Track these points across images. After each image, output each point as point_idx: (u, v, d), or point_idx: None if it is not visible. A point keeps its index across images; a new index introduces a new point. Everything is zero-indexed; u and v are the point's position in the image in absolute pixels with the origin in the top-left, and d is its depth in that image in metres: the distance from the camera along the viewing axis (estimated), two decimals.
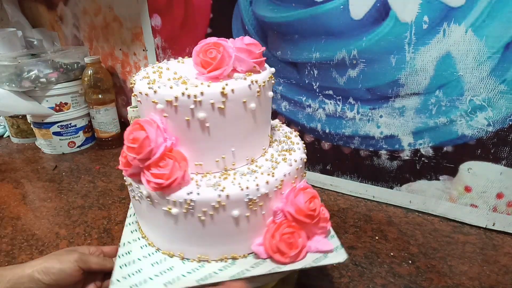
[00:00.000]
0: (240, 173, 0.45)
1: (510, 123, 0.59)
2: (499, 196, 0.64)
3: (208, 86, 0.40)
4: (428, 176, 0.69)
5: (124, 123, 1.15)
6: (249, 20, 0.78)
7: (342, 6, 0.65)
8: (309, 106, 0.78)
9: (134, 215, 0.55)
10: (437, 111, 0.64)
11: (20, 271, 0.43)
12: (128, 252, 0.47)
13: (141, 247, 0.48)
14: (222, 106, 0.41)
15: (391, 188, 0.75)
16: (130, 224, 0.53)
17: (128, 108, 0.99)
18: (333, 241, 0.47)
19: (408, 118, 0.67)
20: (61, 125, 1.07)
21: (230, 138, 0.44)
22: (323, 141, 0.80)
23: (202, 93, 0.39)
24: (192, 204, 0.41)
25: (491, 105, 0.59)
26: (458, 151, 0.65)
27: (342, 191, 0.81)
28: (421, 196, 0.71)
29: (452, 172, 0.67)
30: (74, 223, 0.74)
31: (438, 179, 0.69)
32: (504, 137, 0.60)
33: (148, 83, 0.42)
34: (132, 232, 0.51)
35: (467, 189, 0.66)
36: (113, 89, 1.10)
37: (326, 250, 0.46)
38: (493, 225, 0.66)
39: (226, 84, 0.40)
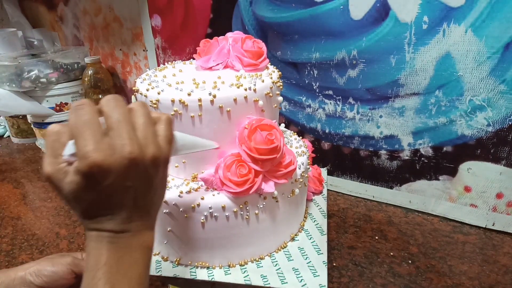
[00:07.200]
0: None
1: (510, 123, 0.59)
2: (499, 196, 0.64)
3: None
4: (427, 176, 0.70)
5: None
6: (249, 20, 0.78)
7: (342, 6, 0.65)
8: (309, 106, 0.78)
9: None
10: (437, 111, 0.64)
11: (13, 273, 0.43)
12: None
13: None
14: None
15: (391, 188, 0.75)
16: None
17: None
18: None
19: (408, 118, 0.67)
20: None
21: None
22: (323, 141, 0.80)
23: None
24: None
25: (490, 105, 0.59)
26: (458, 151, 0.65)
27: (342, 191, 0.81)
28: (421, 196, 0.72)
29: (452, 172, 0.67)
30: (75, 223, 0.74)
31: (438, 179, 0.69)
32: (504, 137, 0.60)
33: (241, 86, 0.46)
34: None
35: (467, 189, 0.66)
36: (114, 89, 1.11)
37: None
38: (493, 225, 0.66)
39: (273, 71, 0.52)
